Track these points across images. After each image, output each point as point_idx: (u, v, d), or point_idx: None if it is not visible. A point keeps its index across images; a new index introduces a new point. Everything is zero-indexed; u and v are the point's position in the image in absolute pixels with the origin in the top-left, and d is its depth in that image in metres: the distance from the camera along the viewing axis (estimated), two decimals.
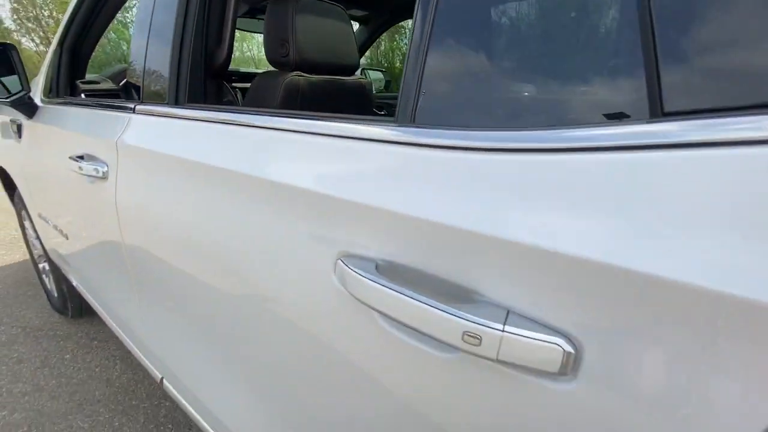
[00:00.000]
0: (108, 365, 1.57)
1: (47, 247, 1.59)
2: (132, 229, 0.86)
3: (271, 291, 0.58)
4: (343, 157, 0.49)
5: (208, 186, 0.65)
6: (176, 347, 0.88)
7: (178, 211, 0.73)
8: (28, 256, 2.17)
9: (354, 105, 1.07)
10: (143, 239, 0.84)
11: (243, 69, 2.12)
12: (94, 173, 0.91)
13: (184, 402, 0.88)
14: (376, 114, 1.46)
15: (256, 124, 0.61)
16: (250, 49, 10.90)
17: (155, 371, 0.97)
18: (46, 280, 1.89)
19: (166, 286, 0.82)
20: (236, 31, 0.93)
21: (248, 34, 2.52)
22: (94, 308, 1.31)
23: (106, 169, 0.89)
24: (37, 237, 1.69)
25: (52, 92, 1.38)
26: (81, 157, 0.98)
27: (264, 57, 0.95)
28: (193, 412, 0.85)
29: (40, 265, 1.92)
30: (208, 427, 0.81)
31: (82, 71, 1.47)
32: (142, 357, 1.02)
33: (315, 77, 0.94)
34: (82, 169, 0.95)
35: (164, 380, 0.94)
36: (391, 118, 0.46)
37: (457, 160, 0.39)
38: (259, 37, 1.66)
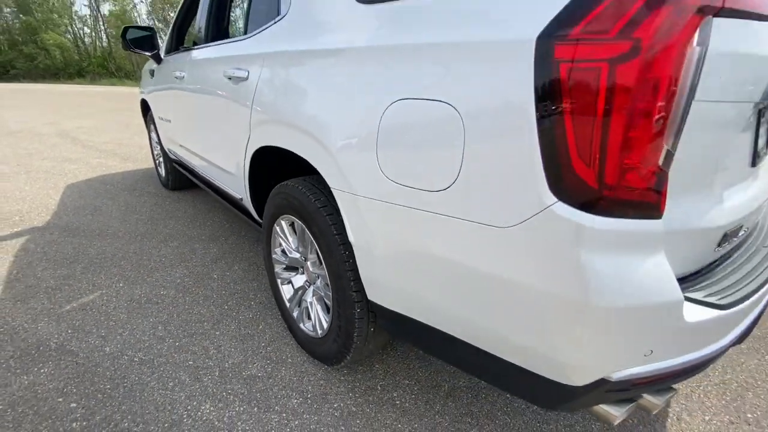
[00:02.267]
0: (188, 209, 2.85)
1: (161, 134, 2.84)
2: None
3: None
4: None
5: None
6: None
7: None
8: (153, 167, 3.63)
9: None
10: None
11: None
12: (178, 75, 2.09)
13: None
14: None
15: None
16: None
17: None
18: (160, 169, 3.24)
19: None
20: None
21: None
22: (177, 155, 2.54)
23: (183, 74, 2.05)
24: (158, 141, 3.00)
25: (169, 51, 2.63)
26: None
27: None
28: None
29: (157, 161, 3.28)
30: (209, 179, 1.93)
31: (182, 40, 2.71)
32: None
33: None
34: (177, 77, 2.13)
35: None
36: None
37: None
38: None
